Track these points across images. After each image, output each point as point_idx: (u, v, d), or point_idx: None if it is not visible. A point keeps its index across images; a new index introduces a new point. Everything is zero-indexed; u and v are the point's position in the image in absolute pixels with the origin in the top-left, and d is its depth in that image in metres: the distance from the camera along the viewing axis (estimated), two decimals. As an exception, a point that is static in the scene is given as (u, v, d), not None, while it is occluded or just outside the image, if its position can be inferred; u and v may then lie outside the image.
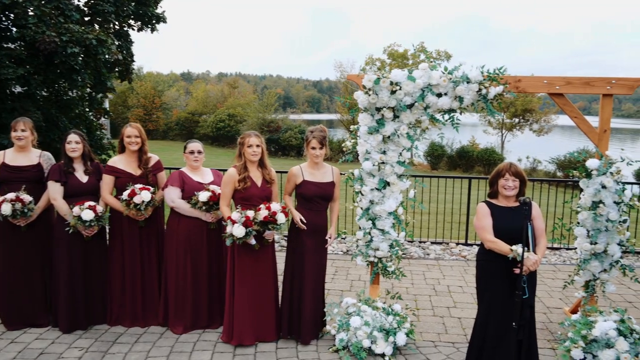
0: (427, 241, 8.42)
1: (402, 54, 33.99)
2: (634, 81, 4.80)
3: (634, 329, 4.48)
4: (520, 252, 3.65)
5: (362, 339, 4.46)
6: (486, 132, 36.57)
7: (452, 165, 30.41)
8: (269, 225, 4.43)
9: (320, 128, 4.68)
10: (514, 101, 33.38)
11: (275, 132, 38.35)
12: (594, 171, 4.71)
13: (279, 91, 75.24)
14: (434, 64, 4.69)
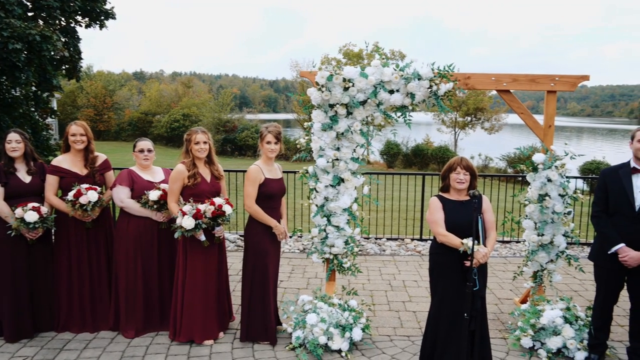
0: (382, 238, 8.51)
1: (357, 53, 34.27)
2: (575, 78, 5.00)
3: (578, 316, 4.67)
4: (470, 246, 3.72)
5: (318, 336, 4.45)
6: (440, 131, 37.40)
7: (407, 163, 30.91)
8: (218, 219, 4.37)
9: (275, 124, 4.64)
10: (466, 100, 34.29)
11: (231, 132, 37.94)
12: (539, 165, 4.87)
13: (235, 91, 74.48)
14: (385, 61, 4.74)
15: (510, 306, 5.63)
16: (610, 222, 4.13)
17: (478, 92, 33.48)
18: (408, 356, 4.52)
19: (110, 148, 30.48)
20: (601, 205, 4.20)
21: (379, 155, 31.80)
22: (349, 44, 35.10)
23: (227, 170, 7.57)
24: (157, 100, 49.75)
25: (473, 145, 34.22)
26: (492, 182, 15.44)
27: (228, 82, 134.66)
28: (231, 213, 4.54)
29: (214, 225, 4.45)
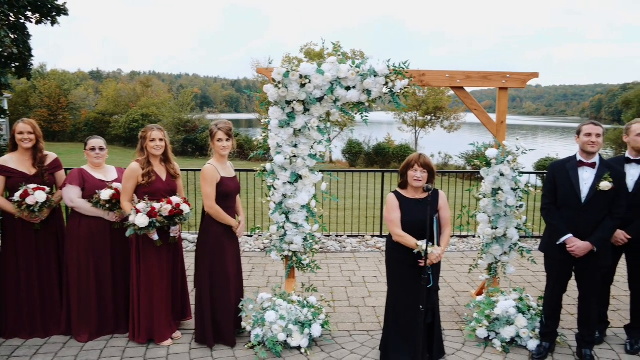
0: (343, 235, 8.55)
1: (318, 52, 34.34)
2: (525, 76, 5.15)
3: (530, 306, 4.82)
4: (425, 248, 3.80)
5: (277, 333, 4.44)
6: (401, 130, 37.93)
7: (369, 162, 31.20)
8: (175, 218, 4.30)
9: (225, 121, 4.58)
10: (426, 99, 34.88)
11: (192, 132, 37.41)
12: (493, 160, 4.99)
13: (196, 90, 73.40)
14: (342, 58, 4.76)
15: (467, 299, 5.75)
16: (559, 214, 4.28)
17: (437, 91, 34.13)
18: (367, 350, 4.55)
19: (66, 149, 29.55)
20: (550, 197, 4.34)
21: (341, 154, 32.00)
22: (310, 44, 35.16)
23: (186, 170, 7.47)
24: (114, 100, 48.58)
25: (433, 143, 34.86)
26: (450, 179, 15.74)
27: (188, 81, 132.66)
28: (189, 212, 4.46)
29: (169, 225, 4.37)
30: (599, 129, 4.13)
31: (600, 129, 4.13)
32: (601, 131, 4.13)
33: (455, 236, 8.59)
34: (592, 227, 4.11)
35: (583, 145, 4.19)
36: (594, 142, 4.12)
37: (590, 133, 4.14)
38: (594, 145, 4.13)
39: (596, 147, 4.13)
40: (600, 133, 4.11)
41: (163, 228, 4.36)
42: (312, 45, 35.23)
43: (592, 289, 4.29)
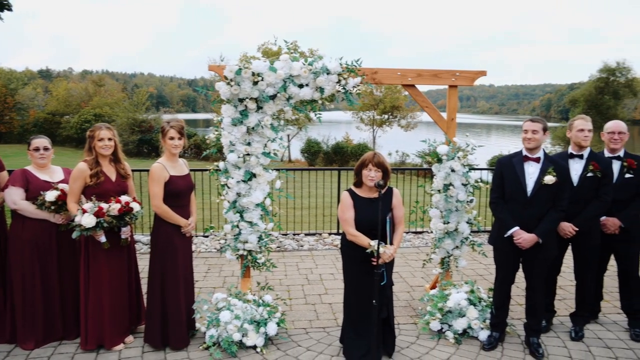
0: (300, 233, 8.55)
1: (276, 52, 34.18)
2: (474, 74, 5.29)
3: (481, 298, 4.95)
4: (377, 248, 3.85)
5: (232, 333, 4.39)
6: (359, 129, 38.23)
7: (328, 161, 31.31)
8: (125, 217, 4.19)
9: (177, 119, 4.51)
10: (383, 99, 35.31)
11: (147, 133, 36.54)
12: (444, 156, 5.10)
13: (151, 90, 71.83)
14: (294, 55, 4.76)
15: (422, 293, 5.85)
16: (507, 208, 4.41)
17: (394, 90, 34.59)
18: (323, 347, 4.57)
19: (13, 151, 28.31)
20: (498, 192, 4.48)
21: (300, 153, 32.01)
22: (268, 43, 34.96)
23: (139, 170, 7.29)
24: (65, 99, 46.85)
25: (391, 142, 35.33)
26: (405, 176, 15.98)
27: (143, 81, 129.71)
28: (140, 210, 4.36)
29: (120, 225, 4.25)
30: (535, 125, 4.28)
31: (537, 125, 4.27)
32: (538, 127, 4.27)
33: (410, 232, 8.74)
34: (538, 219, 4.26)
35: (522, 142, 4.36)
36: (529, 139, 4.29)
37: (526, 130, 4.31)
38: (529, 142, 4.30)
39: (532, 143, 4.29)
40: (537, 129, 4.26)
41: (113, 229, 4.24)
42: (269, 45, 35.09)
43: (539, 280, 4.45)
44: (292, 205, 10.49)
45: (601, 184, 4.54)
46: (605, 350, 4.58)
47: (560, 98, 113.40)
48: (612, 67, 39.69)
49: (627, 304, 4.95)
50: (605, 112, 36.86)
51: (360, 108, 37.13)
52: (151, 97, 50.81)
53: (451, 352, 4.52)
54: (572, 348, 4.61)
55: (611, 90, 39.55)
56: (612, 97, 39.59)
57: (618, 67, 39.61)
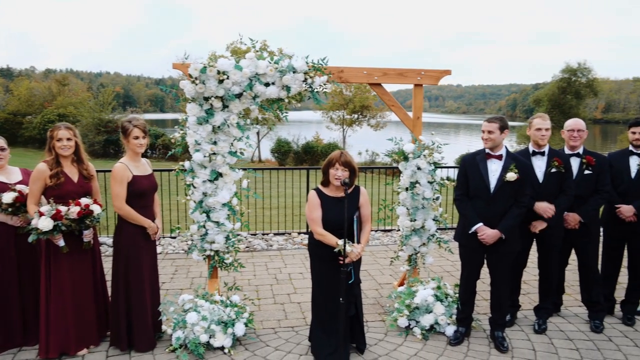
0: (270, 233, 8.52)
1: (245, 51, 33.77)
2: (439, 73, 5.35)
3: (448, 294, 5.02)
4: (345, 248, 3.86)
5: (199, 334, 4.34)
6: (329, 128, 38.36)
7: (298, 160, 31.25)
8: (85, 220, 4.09)
9: (138, 117, 4.42)
10: (353, 98, 35.49)
11: (114, 133, 35.79)
12: (410, 154, 5.15)
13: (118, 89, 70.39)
14: (260, 53, 4.73)
15: (390, 290, 5.89)
16: (471, 204, 4.49)
17: (364, 90, 34.80)
18: (292, 346, 4.56)
19: (-28, 152, 27.34)
20: (462, 189, 4.55)
21: (270, 153, 31.89)
22: (237, 42, 34.67)
23: (103, 171, 7.13)
24: (27, 99, 45.42)
25: (360, 141, 35.55)
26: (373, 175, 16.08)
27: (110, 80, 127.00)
28: (101, 213, 4.25)
29: (81, 229, 4.14)
30: (490, 125, 4.35)
31: (493, 126, 4.34)
32: (494, 127, 4.34)
33: (379, 230, 8.80)
34: (501, 215, 4.35)
35: (485, 142, 4.44)
36: (486, 139, 4.39)
37: (483, 130, 4.41)
38: (486, 142, 4.39)
39: (489, 142, 4.38)
40: (493, 129, 4.34)
41: (74, 232, 4.13)
42: (238, 44, 34.80)
43: (503, 274, 4.54)
44: (261, 205, 10.43)
45: (564, 178, 4.67)
46: (566, 342, 4.70)
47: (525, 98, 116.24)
48: (573, 68, 40.89)
49: (587, 297, 5.10)
50: (568, 111, 37.95)
51: (330, 108, 37.26)
52: (118, 96, 49.82)
53: (418, 348, 4.57)
54: (535, 341, 4.72)
55: (573, 90, 40.74)
56: (574, 96, 40.79)
57: (579, 68, 40.83)
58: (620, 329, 4.99)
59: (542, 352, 4.51)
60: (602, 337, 4.80)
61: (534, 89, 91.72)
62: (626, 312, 5.18)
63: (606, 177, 4.83)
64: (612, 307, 5.31)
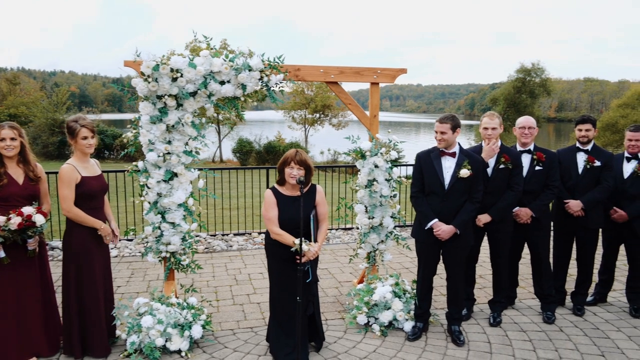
0: (229, 233, 8.42)
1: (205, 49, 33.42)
2: (395, 71, 5.41)
3: (406, 290, 5.08)
4: (302, 247, 3.85)
5: (155, 338, 4.23)
6: (291, 128, 38.29)
7: (260, 160, 31.09)
8: (27, 231, 3.90)
9: (84, 117, 4.26)
10: (314, 98, 35.54)
11: (69, 134, 34.72)
12: (367, 153, 5.18)
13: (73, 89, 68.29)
14: (215, 51, 4.66)
15: (350, 288, 5.91)
16: (426, 201, 4.55)
17: (325, 89, 34.91)
18: (250, 347, 4.51)
19: None
20: (418, 186, 4.61)
21: (232, 153, 31.58)
22: (196, 40, 34.12)
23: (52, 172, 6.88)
24: (-26, 99, 43.56)
25: (323, 140, 35.66)
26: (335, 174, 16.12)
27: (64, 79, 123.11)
28: (44, 224, 4.03)
29: (24, 238, 3.94)
30: (443, 126, 4.42)
31: (445, 127, 4.41)
32: (446, 128, 4.40)
33: (340, 228, 8.84)
34: (455, 211, 4.43)
35: (439, 143, 4.51)
36: (439, 140, 4.46)
37: (436, 131, 4.48)
38: (440, 142, 4.46)
39: (442, 143, 4.45)
40: (445, 130, 4.40)
41: (17, 242, 3.94)
42: (198, 43, 34.26)
43: (458, 269, 4.63)
44: (222, 206, 10.31)
45: (512, 174, 4.79)
46: (520, 333, 4.83)
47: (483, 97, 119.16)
48: (528, 68, 42.16)
49: (539, 289, 5.26)
50: (523, 110, 39.15)
51: (291, 107, 37.20)
52: (73, 96, 48.40)
53: (377, 344, 4.60)
54: (490, 334, 4.83)
55: (528, 90, 42.02)
56: (529, 96, 42.08)
57: (533, 68, 42.13)
58: (571, 319, 5.16)
59: (497, 344, 4.61)
60: (554, 328, 4.95)
61: (491, 89, 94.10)
62: (576, 303, 5.36)
63: (556, 172, 4.98)
64: (563, 299, 5.49)
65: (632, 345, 4.58)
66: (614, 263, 5.51)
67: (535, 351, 4.48)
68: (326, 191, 8.72)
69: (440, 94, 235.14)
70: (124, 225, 8.13)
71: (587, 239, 5.21)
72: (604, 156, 5.07)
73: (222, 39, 34.33)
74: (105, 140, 32.47)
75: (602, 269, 5.56)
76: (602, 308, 5.45)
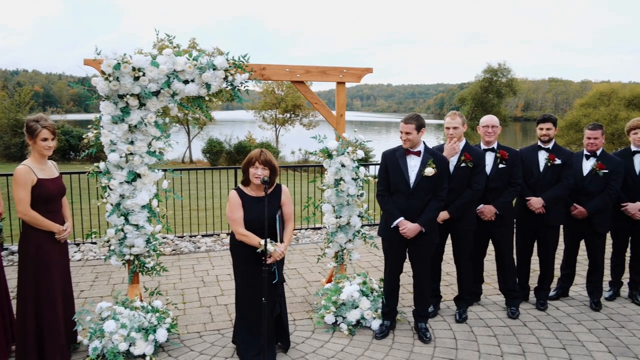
0: (197, 235, 8.31)
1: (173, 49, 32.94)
2: (361, 71, 5.42)
3: (373, 289, 5.10)
4: (268, 247, 3.82)
5: (118, 343, 4.14)
6: (261, 128, 38.10)
7: (231, 160, 30.80)
8: None
9: (46, 117, 4.13)
10: (285, 97, 35.48)
11: (32, 134, 33.72)
12: (334, 152, 5.18)
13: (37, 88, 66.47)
14: (178, 50, 4.59)
15: (318, 288, 5.91)
16: (392, 199, 4.57)
17: (295, 89, 34.87)
18: (217, 349, 4.46)
19: None
20: (384, 184, 4.63)
21: (202, 153, 31.24)
22: (164, 39, 33.62)
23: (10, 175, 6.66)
24: None
25: (293, 140, 35.59)
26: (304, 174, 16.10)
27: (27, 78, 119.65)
28: None
29: None
30: (407, 127, 4.44)
31: (409, 127, 4.43)
32: (410, 128, 4.42)
33: (309, 228, 8.83)
34: (420, 209, 4.47)
35: (404, 143, 4.53)
36: (404, 140, 4.48)
37: (401, 131, 4.51)
38: (405, 142, 4.49)
39: (407, 143, 4.47)
40: (410, 130, 4.42)
41: None
42: (166, 41, 33.77)
43: (424, 267, 4.67)
44: (189, 207, 10.16)
45: (473, 173, 4.86)
46: (485, 329, 4.91)
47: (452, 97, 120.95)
48: (494, 68, 43.00)
49: (504, 285, 5.36)
50: (490, 109, 39.88)
51: (262, 107, 37.02)
52: (37, 95, 47.04)
53: (345, 343, 4.61)
54: (456, 330, 4.89)
55: (494, 90, 42.85)
56: (496, 95, 42.94)
57: (499, 68, 43.00)
58: (534, 314, 5.27)
59: (463, 340, 4.68)
60: (518, 323, 5.05)
61: (460, 89, 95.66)
62: (539, 298, 5.48)
63: (518, 170, 5.08)
64: (526, 294, 5.61)
65: (592, 338, 4.71)
66: (575, 258, 5.65)
67: (500, 346, 4.56)
68: (295, 191, 8.72)
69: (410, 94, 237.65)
70: (87, 229, 7.94)
71: (548, 235, 5.33)
72: (564, 154, 5.20)
73: (191, 38, 33.97)
74: (71, 141, 31.66)
75: (564, 264, 5.70)
76: (564, 302, 5.59)
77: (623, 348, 4.52)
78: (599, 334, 4.80)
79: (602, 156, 5.25)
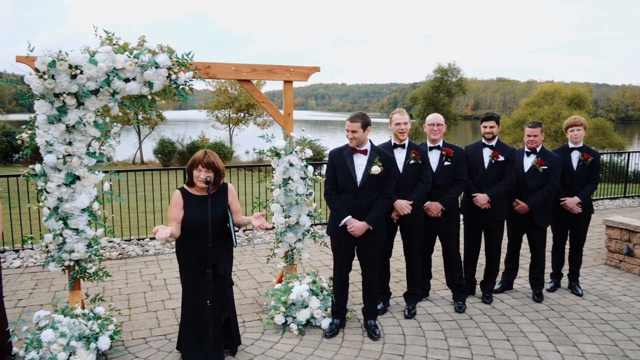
0: (145, 238, 8.09)
1: (122, 46, 32.04)
2: (308, 69, 5.41)
3: (323, 287, 5.10)
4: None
5: (57, 353, 3.95)
6: (215, 127, 37.61)
7: (183, 161, 30.22)
8: None
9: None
10: (238, 97, 35.13)
11: (-30, 136, 32.00)
12: (282, 151, 5.14)
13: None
14: (117, 47, 4.44)
15: (269, 288, 5.86)
16: (340, 198, 4.58)
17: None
18: (163, 355, 4.34)
19: None
20: (331, 183, 4.63)
21: (153, 154, 30.52)
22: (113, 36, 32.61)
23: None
24: None
25: (248, 140, 35.25)
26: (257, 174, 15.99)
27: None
28: None
29: None
30: (353, 125, 4.44)
31: (356, 125, 4.43)
32: (357, 127, 4.42)
33: (262, 229, 8.73)
34: (368, 207, 4.49)
35: (350, 142, 4.54)
36: (351, 138, 4.49)
37: (347, 129, 4.51)
38: (351, 141, 4.49)
39: (354, 142, 4.48)
40: (356, 129, 4.43)
41: None
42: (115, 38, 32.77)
43: (373, 264, 4.70)
44: (136, 210, 9.89)
45: (420, 169, 4.95)
46: (433, 324, 4.99)
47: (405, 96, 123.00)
48: (444, 68, 44.03)
49: (451, 280, 5.47)
50: (441, 108, 40.83)
51: (215, 106, 36.52)
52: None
53: (295, 343, 4.58)
54: (405, 326, 4.95)
55: (445, 89, 43.87)
56: (446, 95, 43.97)
57: (450, 68, 44.06)
58: (480, 307, 5.41)
59: (411, 335, 4.74)
60: (464, 317, 5.16)
61: (412, 88, 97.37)
62: (485, 292, 5.63)
63: (463, 167, 5.20)
64: (473, 288, 5.75)
65: (534, 329, 4.87)
66: (518, 252, 5.84)
67: (447, 340, 4.65)
68: (247, 191, 8.61)
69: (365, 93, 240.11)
70: (29, 234, 7.59)
71: (493, 230, 5.48)
72: (507, 151, 5.35)
73: (141, 36, 33.09)
74: (13, 142, 30.26)
75: (508, 258, 5.88)
76: (508, 295, 5.76)
77: (562, 337, 4.69)
78: (541, 324, 4.97)
79: (541, 153, 5.44)
